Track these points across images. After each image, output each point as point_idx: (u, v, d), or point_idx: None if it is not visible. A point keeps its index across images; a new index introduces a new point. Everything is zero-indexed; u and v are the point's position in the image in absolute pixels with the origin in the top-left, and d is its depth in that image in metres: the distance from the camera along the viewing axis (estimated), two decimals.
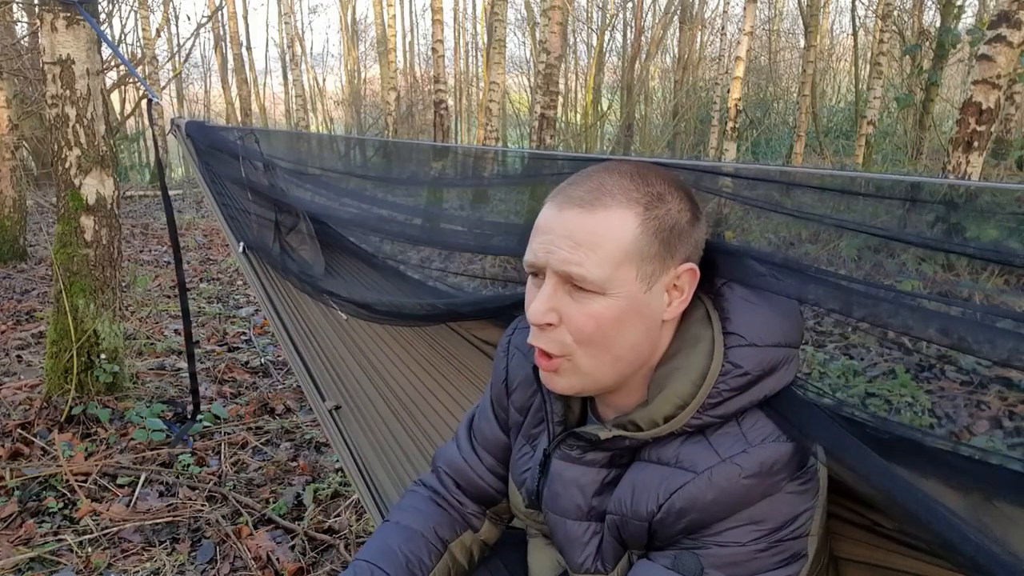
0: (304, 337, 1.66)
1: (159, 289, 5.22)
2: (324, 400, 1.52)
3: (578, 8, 17.02)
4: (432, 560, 1.03)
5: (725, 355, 0.78)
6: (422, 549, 1.02)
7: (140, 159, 15.78)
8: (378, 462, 1.48)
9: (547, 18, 6.78)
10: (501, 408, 1.05)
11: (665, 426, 0.81)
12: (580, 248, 0.76)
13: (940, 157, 7.70)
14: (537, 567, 1.05)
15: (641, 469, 0.84)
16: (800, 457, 0.77)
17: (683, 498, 0.78)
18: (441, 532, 1.05)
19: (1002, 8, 4.12)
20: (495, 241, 1.42)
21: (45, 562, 1.95)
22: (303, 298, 1.76)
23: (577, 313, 0.77)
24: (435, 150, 1.89)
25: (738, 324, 0.79)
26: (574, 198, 0.78)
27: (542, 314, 0.78)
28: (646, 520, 0.81)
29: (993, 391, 2.97)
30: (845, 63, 16.81)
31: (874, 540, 0.90)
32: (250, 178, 1.84)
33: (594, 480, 0.88)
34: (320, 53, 50.07)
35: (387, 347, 1.64)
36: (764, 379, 0.78)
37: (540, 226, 0.80)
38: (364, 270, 1.81)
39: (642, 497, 0.81)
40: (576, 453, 0.89)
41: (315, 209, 1.82)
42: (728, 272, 0.83)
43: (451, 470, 1.09)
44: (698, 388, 0.79)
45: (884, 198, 0.82)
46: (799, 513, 0.77)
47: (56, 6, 2.50)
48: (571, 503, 0.90)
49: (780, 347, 0.79)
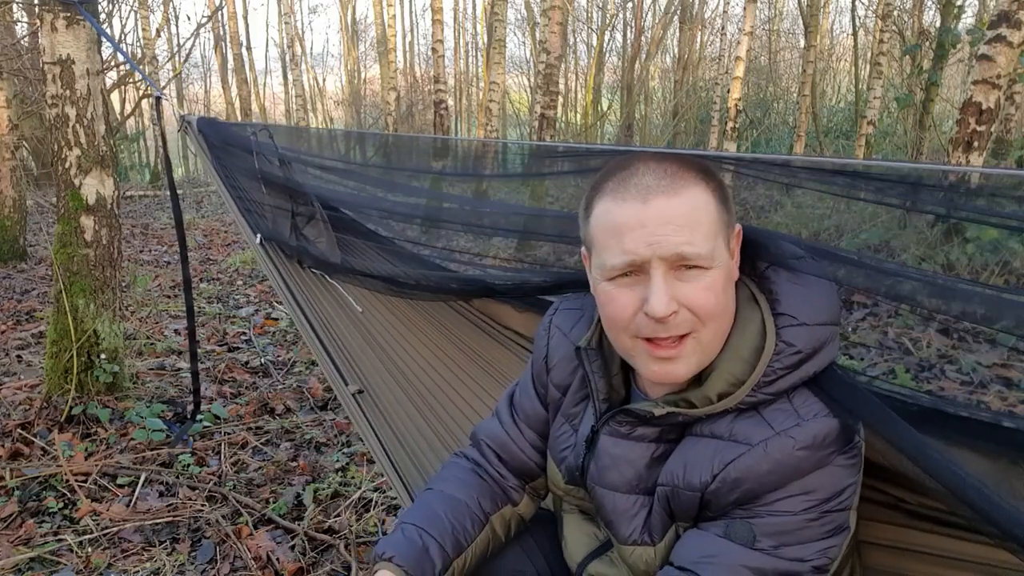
0: (324, 327, 1.68)
1: (159, 289, 5.22)
2: (347, 384, 1.54)
3: (578, 8, 17.03)
4: (475, 530, 1.05)
5: (778, 335, 0.82)
6: (466, 518, 1.05)
7: (140, 159, 15.77)
8: (400, 447, 1.51)
9: (547, 18, 6.78)
10: (541, 385, 1.07)
11: (720, 404, 0.84)
12: (684, 229, 0.79)
13: (940, 157, 7.71)
14: (573, 542, 1.07)
15: (694, 443, 0.87)
16: (847, 433, 0.80)
17: (739, 469, 0.81)
18: (484, 503, 1.07)
19: (1002, 8, 4.12)
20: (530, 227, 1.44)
21: (45, 562, 1.95)
22: (320, 291, 1.78)
23: (696, 291, 0.80)
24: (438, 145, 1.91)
25: (788, 305, 0.83)
26: (651, 188, 0.80)
27: (667, 305, 0.79)
28: (699, 491, 0.84)
29: (993, 391, 2.97)
30: (845, 63, 16.81)
31: (896, 518, 0.93)
32: (265, 172, 1.86)
33: (643, 455, 0.91)
34: (320, 53, 50.10)
35: (402, 337, 1.67)
36: (814, 356, 0.82)
37: (626, 223, 0.80)
38: (384, 256, 1.83)
39: (695, 469, 0.84)
40: (625, 429, 0.92)
41: (332, 198, 1.85)
42: (771, 255, 0.87)
43: (493, 443, 1.11)
44: (752, 367, 0.82)
45: (892, 181, 0.85)
46: (846, 486, 0.80)
47: (56, 6, 2.50)
48: (620, 477, 0.93)
49: (826, 325, 0.83)
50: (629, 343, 0.85)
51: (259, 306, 4.74)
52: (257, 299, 4.95)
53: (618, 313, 0.83)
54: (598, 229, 0.84)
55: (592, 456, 0.96)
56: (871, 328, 3.78)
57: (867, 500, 0.92)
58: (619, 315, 0.83)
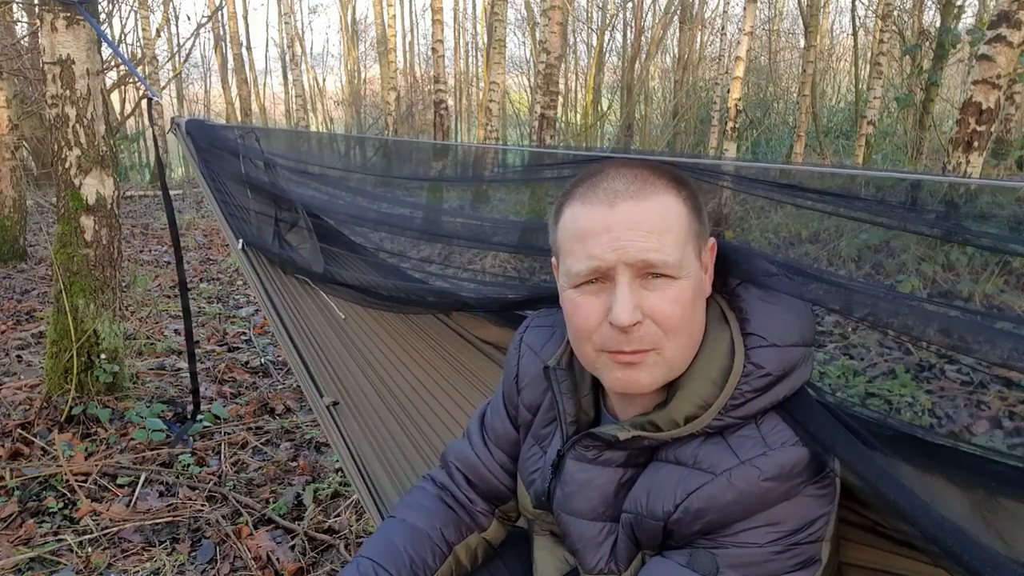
0: (302, 334, 1.65)
1: (159, 289, 5.22)
2: (322, 396, 1.51)
3: (578, 8, 17.02)
4: (436, 563, 1.02)
5: (747, 356, 0.79)
6: (427, 551, 1.02)
7: (140, 159, 15.76)
8: (376, 460, 1.48)
9: (547, 18, 6.78)
10: (512, 405, 1.04)
11: (686, 427, 0.80)
12: (652, 234, 0.76)
13: (940, 157, 7.70)
14: (543, 566, 1.05)
15: (658, 469, 0.84)
16: (818, 462, 0.77)
17: (701, 499, 0.78)
18: (447, 534, 1.04)
19: (1002, 8, 4.12)
20: (496, 239, 1.42)
21: (45, 562, 1.95)
22: (301, 297, 1.76)
23: (661, 302, 0.76)
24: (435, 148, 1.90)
25: (758, 325, 0.80)
26: (619, 192, 0.77)
27: (630, 313, 0.75)
28: (662, 520, 0.81)
29: (993, 391, 2.97)
30: (845, 63, 16.81)
31: (876, 542, 0.90)
32: (250, 176, 1.84)
33: (610, 480, 0.88)
34: (320, 53, 50.09)
35: (384, 346, 1.64)
36: (784, 379, 0.79)
37: (592, 228, 0.77)
38: (364, 268, 1.81)
39: (658, 497, 0.81)
40: (592, 454, 0.89)
41: (315, 205, 1.83)
42: (743, 272, 0.83)
43: (463, 465, 1.08)
44: (720, 388, 0.79)
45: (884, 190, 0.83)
46: (816, 517, 0.77)
47: (56, 6, 2.50)
48: (586, 504, 0.90)
49: (798, 347, 0.80)
50: (593, 355, 0.81)
51: (259, 306, 4.74)
52: (255, 296, 4.95)
53: (582, 323, 0.80)
54: (565, 235, 0.81)
55: (558, 481, 0.93)
56: (871, 328, 3.78)
57: (847, 523, 0.90)
58: (583, 324, 0.80)
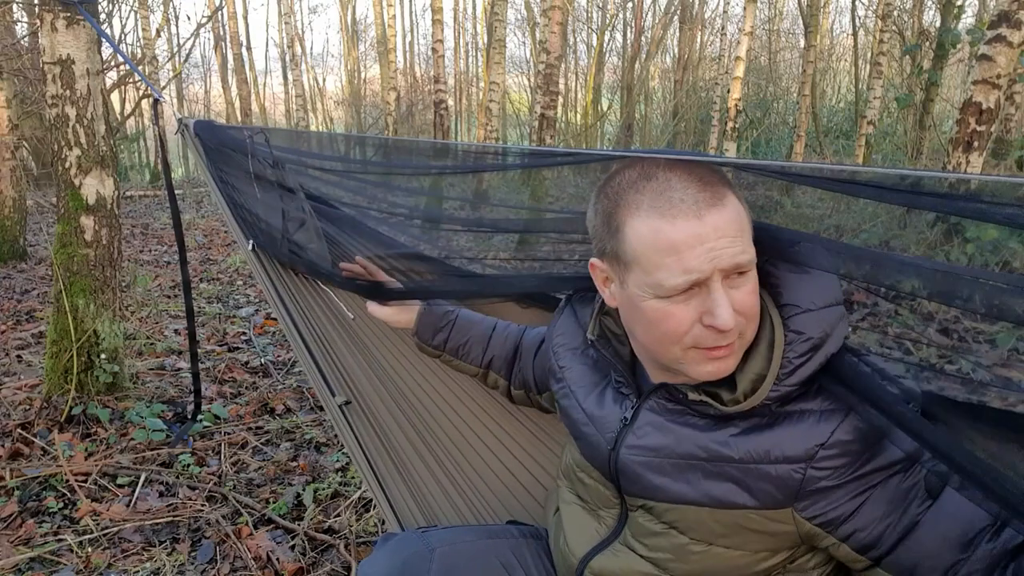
0: (313, 333, 1.66)
1: (159, 289, 5.22)
2: (334, 395, 1.52)
3: (578, 8, 17.03)
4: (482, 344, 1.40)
5: (785, 325, 0.83)
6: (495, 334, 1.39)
7: (140, 159, 15.77)
8: (388, 458, 1.49)
9: (547, 18, 6.78)
10: (544, 353, 1.22)
11: (746, 403, 0.84)
12: (737, 238, 0.80)
13: (940, 157, 7.70)
14: (574, 539, 1.06)
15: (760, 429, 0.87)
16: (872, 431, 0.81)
17: (846, 430, 0.81)
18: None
19: (1002, 8, 4.12)
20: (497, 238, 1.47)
21: (45, 562, 1.95)
22: (311, 296, 1.76)
23: (745, 295, 0.81)
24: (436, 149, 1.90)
25: (790, 295, 0.84)
26: (700, 202, 0.79)
27: (734, 317, 0.80)
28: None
29: (993, 391, 2.97)
30: (845, 63, 16.81)
31: None
32: (259, 176, 1.84)
33: (688, 436, 0.92)
34: (320, 53, 50.10)
35: (393, 346, 1.64)
36: (827, 339, 0.82)
37: (685, 241, 0.78)
38: (384, 256, 1.81)
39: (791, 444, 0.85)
40: (671, 406, 0.93)
41: (325, 207, 1.83)
42: (768, 248, 0.86)
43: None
44: (768, 361, 0.83)
45: (887, 189, 0.84)
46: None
47: (56, 6, 2.50)
48: (664, 453, 0.93)
49: (831, 307, 0.84)
50: (680, 353, 0.84)
51: (259, 306, 4.74)
52: (257, 299, 4.95)
53: (676, 328, 0.82)
54: (645, 248, 0.81)
55: (629, 430, 0.96)
56: (871, 328, 3.79)
57: None
58: (677, 330, 0.82)
